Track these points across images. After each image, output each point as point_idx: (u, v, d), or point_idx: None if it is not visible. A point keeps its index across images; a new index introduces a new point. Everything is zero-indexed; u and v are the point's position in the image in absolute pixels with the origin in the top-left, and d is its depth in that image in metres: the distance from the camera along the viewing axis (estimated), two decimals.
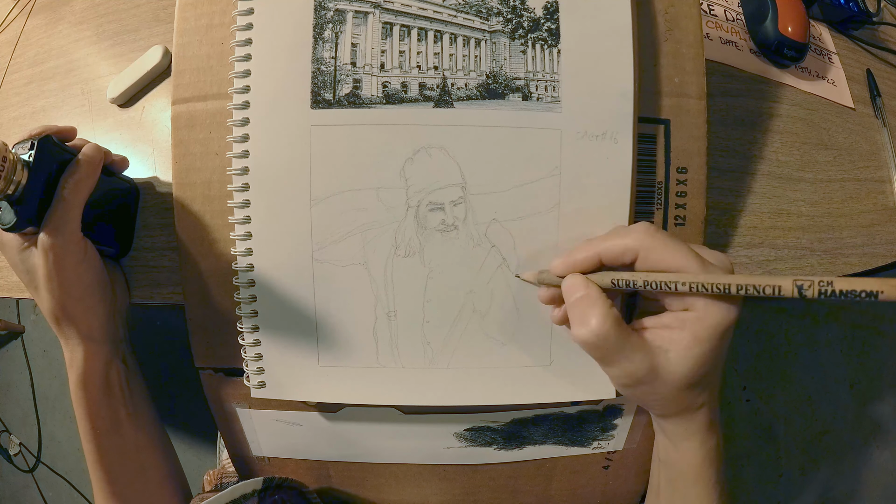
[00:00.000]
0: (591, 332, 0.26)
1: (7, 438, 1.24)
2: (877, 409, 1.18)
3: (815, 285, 0.21)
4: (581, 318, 0.26)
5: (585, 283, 0.27)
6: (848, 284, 0.21)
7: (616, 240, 0.27)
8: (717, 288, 0.24)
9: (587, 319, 0.26)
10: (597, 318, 0.25)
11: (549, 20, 0.31)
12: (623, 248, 0.26)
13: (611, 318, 0.25)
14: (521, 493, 0.41)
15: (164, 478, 0.39)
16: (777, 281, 0.22)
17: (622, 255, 0.26)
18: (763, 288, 0.23)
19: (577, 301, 0.27)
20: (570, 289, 0.27)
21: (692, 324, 0.25)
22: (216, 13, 0.33)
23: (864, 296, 0.20)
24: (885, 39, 0.55)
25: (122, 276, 0.38)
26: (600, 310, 0.26)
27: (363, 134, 0.31)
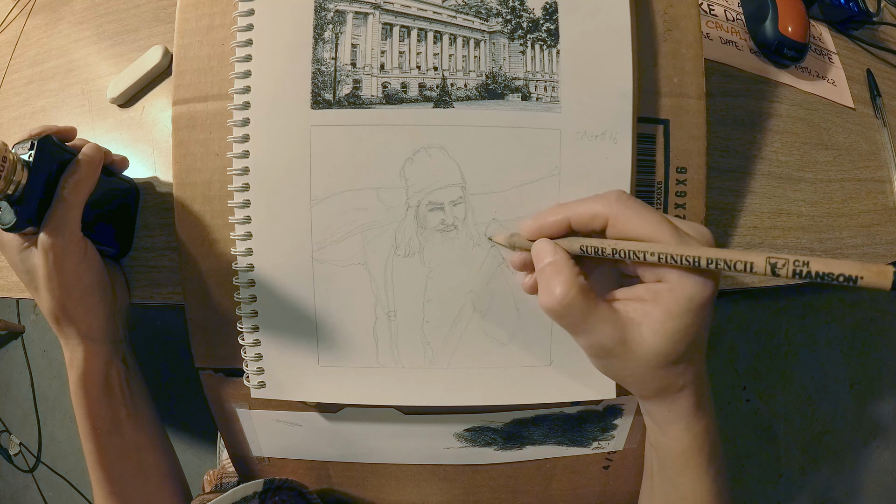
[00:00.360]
0: (556, 301, 0.25)
1: (7, 438, 1.25)
2: (877, 409, 1.18)
3: (789, 264, 0.20)
4: (547, 285, 0.25)
5: (553, 249, 0.26)
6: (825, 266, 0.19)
7: (587, 204, 0.26)
8: (687, 260, 0.22)
9: (552, 287, 0.25)
10: (561, 285, 0.25)
11: (548, 21, 0.31)
12: (592, 214, 0.26)
13: (576, 286, 0.25)
14: (521, 493, 0.41)
15: (164, 477, 0.39)
16: (750, 256, 0.21)
17: (591, 220, 0.26)
18: (735, 263, 0.21)
19: (545, 268, 0.26)
20: (539, 254, 0.27)
21: (665, 296, 0.24)
22: (217, 14, 0.33)
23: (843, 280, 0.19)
24: (885, 39, 0.55)
25: (122, 276, 0.38)
26: (566, 277, 0.25)
27: (363, 134, 0.31)
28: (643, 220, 0.24)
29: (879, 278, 0.18)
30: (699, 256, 0.22)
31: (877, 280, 0.18)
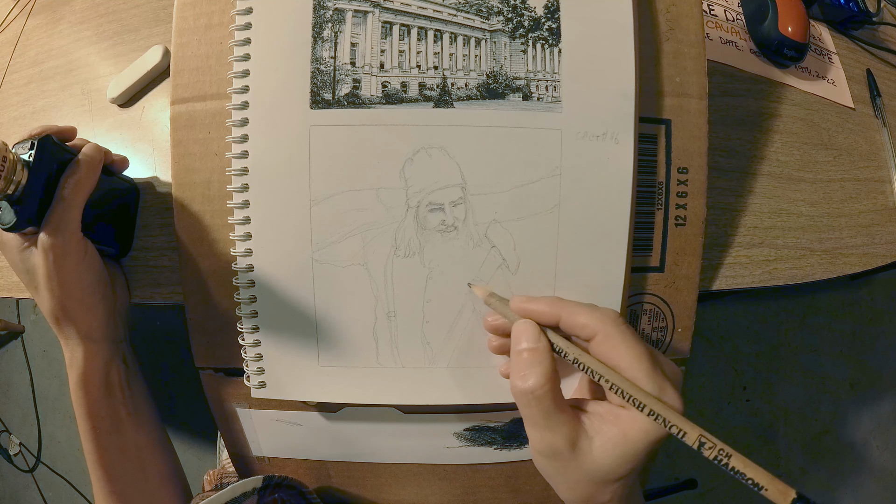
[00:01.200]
0: (527, 389, 0.25)
1: (7, 438, 1.24)
2: (877, 409, 1.18)
3: (714, 449, 0.22)
4: (523, 371, 0.26)
5: (538, 336, 0.27)
6: (742, 464, 0.22)
7: (584, 313, 0.26)
8: (634, 401, 0.24)
9: (528, 375, 0.25)
10: (536, 377, 0.25)
11: (550, 19, 0.31)
12: (584, 324, 0.26)
13: (550, 382, 0.25)
14: (521, 493, 0.41)
15: (165, 477, 0.39)
16: (686, 426, 0.23)
17: (581, 328, 0.26)
18: (672, 425, 0.23)
19: (524, 352, 0.26)
20: (521, 334, 0.27)
21: (624, 422, 0.25)
22: (215, 13, 0.33)
23: (751, 484, 0.21)
24: (885, 39, 0.55)
25: (122, 276, 0.38)
26: (543, 370, 0.25)
27: (363, 134, 0.31)
28: (627, 348, 0.25)
29: (779, 497, 0.21)
30: (645, 404, 0.24)
31: (777, 497, 0.21)
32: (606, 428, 0.25)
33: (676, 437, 0.23)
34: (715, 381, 1.17)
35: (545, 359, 0.26)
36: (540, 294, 0.32)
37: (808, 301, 1.21)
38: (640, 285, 0.36)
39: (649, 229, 0.35)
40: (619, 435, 0.25)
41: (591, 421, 0.26)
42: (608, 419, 0.25)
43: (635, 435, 0.24)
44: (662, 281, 0.36)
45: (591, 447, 0.25)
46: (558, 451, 0.25)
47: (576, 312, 0.27)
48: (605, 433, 0.25)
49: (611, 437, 0.25)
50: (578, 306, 0.27)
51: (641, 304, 0.36)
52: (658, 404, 0.24)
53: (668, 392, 0.24)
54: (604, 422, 0.25)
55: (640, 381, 0.24)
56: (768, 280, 0.41)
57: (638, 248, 0.35)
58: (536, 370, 0.25)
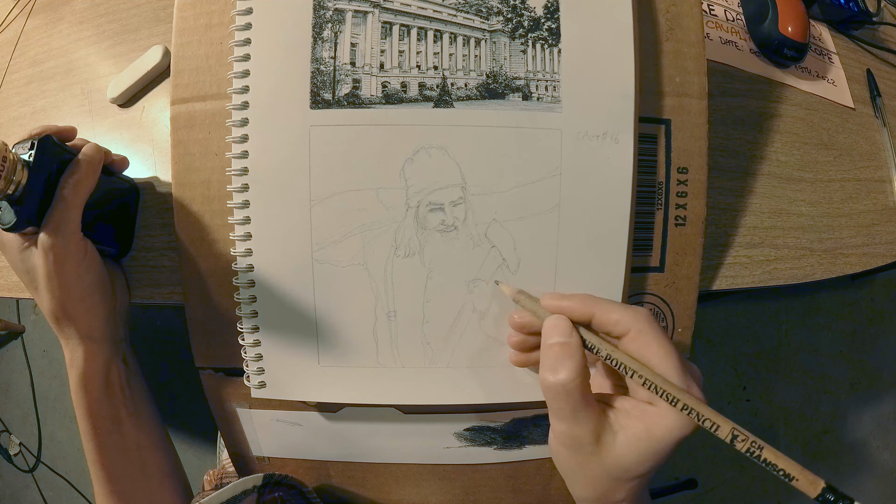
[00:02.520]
0: (558, 382, 0.25)
1: (7, 438, 1.24)
2: (877, 409, 1.18)
3: (747, 442, 0.23)
4: (553, 364, 0.26)
5: (571, 331, 0.27)
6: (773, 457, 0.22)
7: (617, 310, 0.27)
8: (667, 396, 0.24)
9: (559, 368, 0.26)
10: (568, 371, 0.25)
11: (550, 19, 0.31)
12: (617, 320, 0.26)
13: (581, 376, 0.25)
14: (521, 493, 0.41)
15: (165, 476, 0.39)
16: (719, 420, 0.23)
17: (615, 325, 0.26)
18: (705, 419, 0.24)
19: (556, 346, 0.27)
20: (555, 329, 0.27)
21: (650, 418, 0.25)
22: (215, 13, 0.33)
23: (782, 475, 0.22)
24: (885, 39, 0.55)
25: (122, 276, 0.38)
26: (575, 364, 0.26)
27: (363, 134, 0.31)
28: (659, 345, 0.25)
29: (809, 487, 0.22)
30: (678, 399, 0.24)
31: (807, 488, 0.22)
32: (631, 423, 0.25)
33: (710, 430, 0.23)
34: (715, 381, 1.17)
35: (576, 353, 0.26)
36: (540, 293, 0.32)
37: (808, 301, 1.21)
38: (640, 285, 0.36)
39: (649, 229, 0.35)
40: (644, 431, 0.25)
41: (617, 416, 0.26)
42: (634, 415, 0.26)
43: (660, 432, 0.24)
44: (662, 281, 0.36)
45: (615, 442, 0.25)
46: (582, 444, 0.25)
47: (609, 309, 0.27)
48: (629, 428, 0.25)
49: (635, 433, 0.25)
50: (611, 304, 0.27)
51: (641, 304, 0.36)
52: (692, 399, 0.24)
53: (695, 390, 0.25)
54: (629, 417, 0.26)
55: (670, 378, 0.25)
56: (768, 280, 0.41)
57: (638, 248, 0.35)
58: (567, 364, 0.25)
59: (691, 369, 0.27)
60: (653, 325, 0.26)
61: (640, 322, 0.26)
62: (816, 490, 0.21)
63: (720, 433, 0.23)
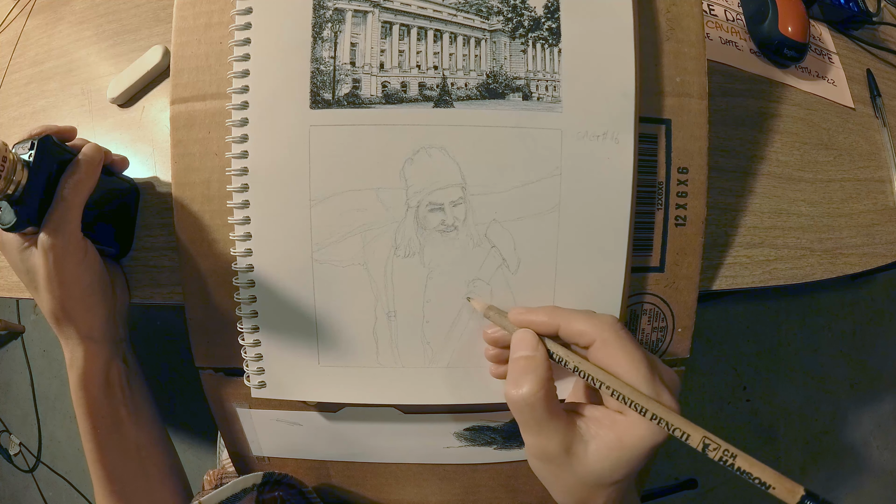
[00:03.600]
0: (521, 396, 0.25)
1: (7, 438, 1.24)
2: (877, 409, 1.18)
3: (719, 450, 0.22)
4: (517, 378, 0.26)
5: (535, 345, 0.27)
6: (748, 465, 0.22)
7: (581, 320, 0.27)
8: (636, 406, 0.24)
9: (521, 382, 0.26)
10: (530, 384, 0.25)
11: (550, 19, 0.31)
12: (582, 331, 0.26)
13: (544, 389, 0.25)
14: (521, 493, 0.41)
15: (165, 476, 0.39)
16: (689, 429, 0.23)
17: (580, 335, 0.27)
18: (675, 428, 0.23)
19: (520, 360, 0.27)
20: (519, 343, 0.27)
21: (621, 427, 0.25)
22: (215, 12, 0.33)
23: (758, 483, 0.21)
24: (885, 39, 0.55)
25: (122, 276, 0.38)
26: (537, 378, 0.26)
27: (363, 134, 0.31)
28: (626, 354, 0.25)
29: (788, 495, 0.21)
30: (647, 409, 0.24)
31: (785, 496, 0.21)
32: (603, 433, 0.25)
33: (680, 439, 0.23)
34: (715, 381, 1.17)
35: (539, 366, 0.26)
36: (540, 295, 0.32)
37: (808, 301, 1.21)
38: (640, 285, 0.36)
39: (649, 229, 0.35)
40: (616, 440, 0.25)
41: (588, 425, 0.26)
42: (605, 424, 0.26)
43: (632, 441, 0.24)
44: (662, 281, 0.36)
45: (587, 452, 0.25)
46: (552, 455, 0.25)
47: (573, 320, 0.27)
48: (601, 438, 0.25)
49: (606, 442, 0.25)
50: (576, 314, 0.27)
51: (641, 304, 0.36)
52: (660, 408, 0.24)
53: (665, 397, 0.25)
54: (600, 426, 0.26)
55: (638, 387, 0.24)
56: (768, 280, 0.41)
57: (638, 248, 0.35)
58: (530, 377, 0.26)
59: (666, 374, 0.26)
60: (618, 333, 0.26)
61: (604, 332, 0.26)
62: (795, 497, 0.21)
63: (691, 441, 0.23)
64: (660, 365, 0.27)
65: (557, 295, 0.32)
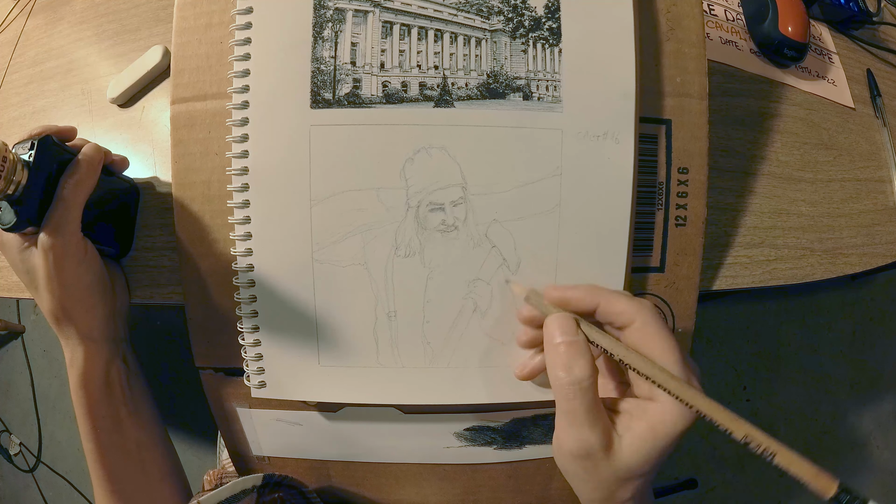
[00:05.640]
0: (575, 381, 0.25)
1: (7, 438, 1.24)
2: (877, 409, 1.18)
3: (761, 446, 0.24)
4: (567, 362, 0.25)
5: (576, 329, 0.27)
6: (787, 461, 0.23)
7: (622, 300, 0.26)
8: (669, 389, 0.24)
9: (573, 366, 0.25)
10: (582, 368, 0.25)
11: (551, 19, 0.31)
12: (622, 311, 0.26)
13: (595, 374, 0.25)
14: (521, 493, 0.41)
15: (165, 476, 0.39)
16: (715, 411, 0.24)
17: (619, 315, 0.26)
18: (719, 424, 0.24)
19: (563, 344, 0.26)
20: (559, 329, 0.27)
21: (653, 415, 0.25)
22: (215, 12, 0.33)
23: None
24: (885, 39, 0.55)
25: (122, 276, 0.38)
26: (587, 361, 0.25)
27: (363, 134, 0.31)
28: (662, 338, 0.25)
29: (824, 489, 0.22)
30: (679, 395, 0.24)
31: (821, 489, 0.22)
32: (635, 424, 0.25)
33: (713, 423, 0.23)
34: (715, 381, 1.17)
35: (587, 350, 0.26)
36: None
37: (808, 301, 1.21)
38: (640, 286, 0.36)
39: (649, 229, 0.35)
40: (648, 430, 0.25)
41: (619, 419, 0.26)
42: (636, 415, 0.25)
43: (663, 428, 0.24)
44: (663, 281, 0.36)
45: (621, 446, 0.25)
46: (592, 450, 0.25)
47: (614, 300, 0.26)
48: (633, 430, 0.25)
49: (639, 434, 0.25)
50: (616, 294, 0.27)
51: None
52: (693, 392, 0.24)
53: (694, 382, 0.25)
54: (632, 418, 0.26)
55: (672, 371, 0.24)
56: (768, 280, 0.41)
57: (638, 248, 0.35)
58: (580, 362, 0.25)
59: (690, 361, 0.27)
60: (657, 317, 0.26)
61: (644, 314, 0.26)
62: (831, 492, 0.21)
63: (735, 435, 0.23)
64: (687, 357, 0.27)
65: None
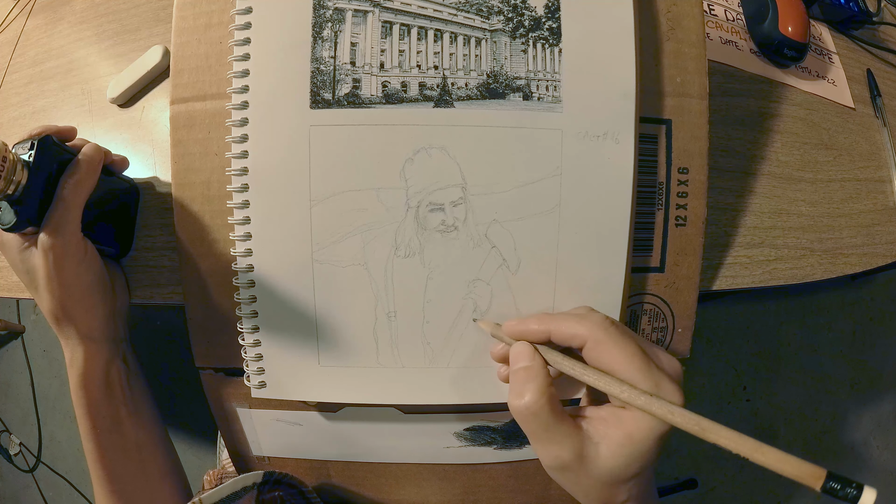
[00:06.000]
0: (524, 407, 0.26)
1: (7, 438, 1.24)
2: (877, 409, 1.18)
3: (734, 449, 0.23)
4: (518, 389, 0.26)
5: (531, 355, 0.27)
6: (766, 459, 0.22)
7: (570, 323, 0.27)
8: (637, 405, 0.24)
9: (523, 392, 0.26)
10: (531, 393, 0.26)
11: (551, 19, 0.31)
12: (572, 334, 0.27)
13: (546, 396, 0.26)
14: (522, 493, 0.41)
15: (165, 476, 0.39)
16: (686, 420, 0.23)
17: (571, 339, 0.27)
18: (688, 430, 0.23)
19: (519, 371, 0.27)
20: (516, 356, 0.28)
21: (628, 423, 0.25)
22: (215, 12, 0.33)
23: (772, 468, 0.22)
24: (885, 39, 0.55)
25: (122, 276, 0.38)
26: (537, 385, 0.26)
27: (363, 134, 0.31)
28: (619, 350, 0.25)
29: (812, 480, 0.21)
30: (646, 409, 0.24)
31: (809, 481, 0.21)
32: (611, 431, 0.25)
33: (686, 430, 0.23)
34: (715, 381, 1.17)
35: (538, 375, 0.26)
36: (540, 295, 0.32)
37: (808, 301, 1.21)
38: (640, 286, 0.36)
39: (650, 229, 0.35)
40: (624, 436, 0.25)
41: (595, 426, 0.26)
42: (611, 422, 0.26)
43: (640, 434, 0.25)
44: (663, 281, 0.36)
45: (598, 452, 0.25)
46: (566, 463, 0.26)
47: (562, 324, 0.27)
48: (610, 437, 0.25)
49: (616, 440, 0.25)
50: (565, 318, 0.27)
51: (642, 304, 0.36)
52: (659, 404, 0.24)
53: (665, 387, 0.25)
54: (608, 425, 0.26)
55: (636, 381, 0.25)
56: (768, 280, 0.41)
57: (638, 248, 0.35)
58: (530, 386, 0.26)
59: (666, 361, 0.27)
60: (608, 330, 0.26)
61: (595, 331, 0.26)
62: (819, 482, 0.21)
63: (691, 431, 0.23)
64: (659, 353, 0.27)
65: (558, 295, 0.32)
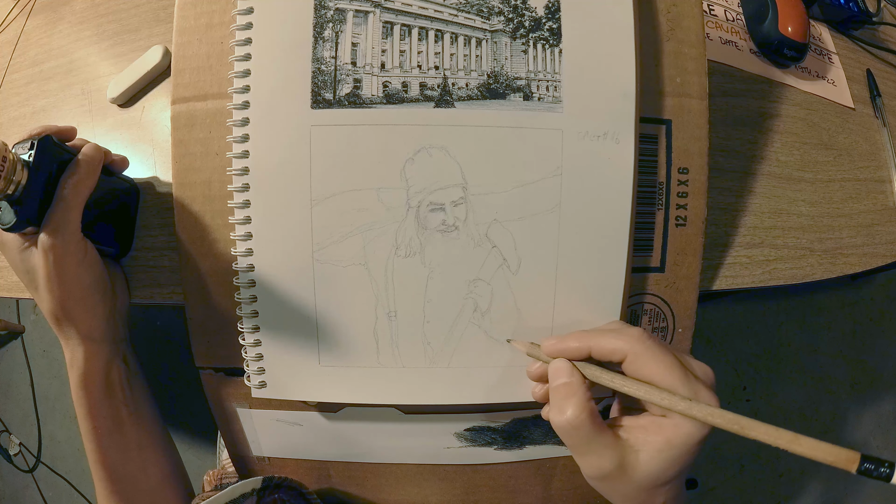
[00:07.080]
0: (566, 422, 0.27)
1: (7, 438, 1.24)
2: (877, 409, 1.18)
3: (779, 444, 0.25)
4: (559, 405, 0.27)
5: (570, 371, 0.28)
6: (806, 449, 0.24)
7: (609, 339, 0.28)
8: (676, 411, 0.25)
9: (564, 408, 0.27)
10: (573, 408, 0.26)
11: (551, 19, 0.31)
12: (613, 349, 0.27)
13: (587, 411, 0.26)
14: (521, 493, 0.41)
15: (166, 476, 0.39)
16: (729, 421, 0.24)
17: (611, 354, 0.28)
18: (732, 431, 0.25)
19: (559, 387, 0.28)
20: (556, 373, 0.29)
21: (668, 429, 0.26)
22: (216, 12, 0.33)
23: None
24: (885, 39, 0.55)
25: (122, 276, 0.38)
26: (578, 400, 0.27)
27: (364, 134, 0.31)
28: (657, 362, 0.26)
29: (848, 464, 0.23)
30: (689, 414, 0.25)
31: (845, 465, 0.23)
32: (651, 439, 0.26)
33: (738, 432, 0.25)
34: (715, 380, 1.17)
35: (578, 390, 0.27)
36: (541, 295, 0.32)
37: (808, 301, 1.21)
38: (640, 286, 0.36)
39: (650, 229, 0.35)
40: (664, 442, 0.26)
41: (635, 435, 0.27)
42: (651, 430, 0.27)
43: (679, 440, 0.26)
44: (663, 281, 0.36)
45: (639, 459, 0.26)
46: (608, 472, 0.27)
47: (603, 340, 0.28)
48: (650, 444, 0.26)
49: (656, 446, 0.26)
50: (604, 334, 0.28)
51: (642, 304, 0.36)
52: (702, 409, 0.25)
53: (703, 394, 0.26)
54: (647, 433, 0.27)
55: (675, 389, 0.26)
56: (768, 280, 0.41)
57: (638, 248, 0.35)
58: (571, 401, 0.27)
59: (699, 368, 0.28)
60: (646, 343, 0.27)
61: (634, 345, 0.27)
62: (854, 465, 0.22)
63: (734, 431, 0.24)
64: (692, 362, 0.28)
65: (558, 295, 0.32)
